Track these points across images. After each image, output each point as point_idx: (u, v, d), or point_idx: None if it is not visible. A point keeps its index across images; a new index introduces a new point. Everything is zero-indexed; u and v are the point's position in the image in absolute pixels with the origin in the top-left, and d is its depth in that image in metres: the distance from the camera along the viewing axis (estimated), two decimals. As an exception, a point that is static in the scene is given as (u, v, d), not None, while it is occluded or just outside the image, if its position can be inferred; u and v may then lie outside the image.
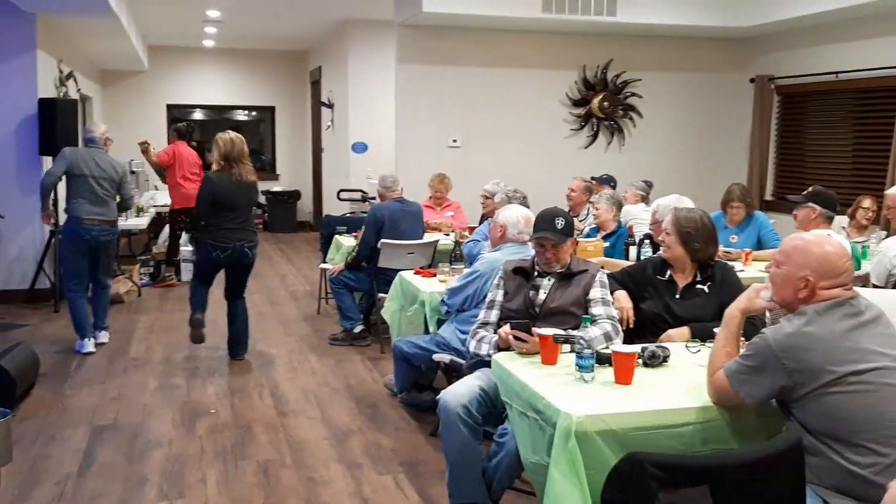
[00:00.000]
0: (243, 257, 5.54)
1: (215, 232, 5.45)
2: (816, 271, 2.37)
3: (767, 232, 5.64)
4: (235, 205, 5.45)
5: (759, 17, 8.03)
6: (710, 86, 9.13)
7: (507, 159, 8.44)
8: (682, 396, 2.55)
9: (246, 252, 5.53)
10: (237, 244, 5.47)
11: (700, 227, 3.45)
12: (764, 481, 1.97)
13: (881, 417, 2.21)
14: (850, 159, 7.90)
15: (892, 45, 7.14)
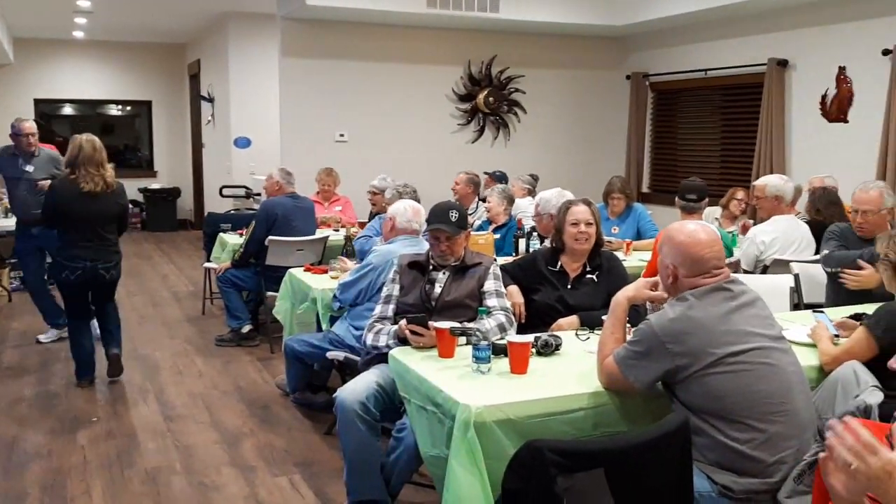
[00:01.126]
0: (97, 278, 4.90)
1: (65, 249, 4.84)
2: (677, 261, 2.51)
3: (646, 223, 5.88)
4: (81, 219, 4.77)
5: (633, 16, 8.35)
6: (590, 82, 9.42)
7: (396, 154, 8.45)
8: (574, 383, 2.62)
9: (100, 274, 4.88)
10: (88, 264, 4.82)
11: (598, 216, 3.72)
12: (654, 461, 2.06)
13: (758, 395, 2.35)
14: (718, 152, 8.35)
15: (756, 43, 7.58)
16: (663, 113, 9.13)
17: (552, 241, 3.77)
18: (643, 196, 9.03)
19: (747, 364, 2.38)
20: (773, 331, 2.52)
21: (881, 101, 6.35)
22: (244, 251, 5.89)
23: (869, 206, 4.17)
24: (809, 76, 7.13)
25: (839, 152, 6.78)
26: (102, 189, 4.78)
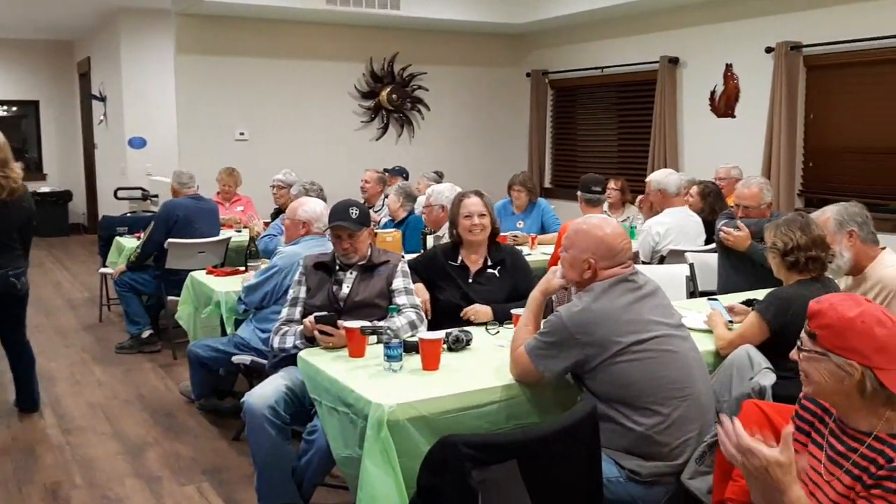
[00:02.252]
0: (9, 288, 4.29)
1: None
2: (596, 253, 2.58)
3: (549, 217, 6.00)
4: None
5: (532, 15, 8.50)
6: (491, 79, 9.53)
7: (299, 152, 8.33)
8: (486, 377, 2.65)
9: (11, 283, 4.28)
10: None
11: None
12: (564, 449, 2.10)
13: (662, 381, 2.44)
14: (616, 147, 8.59)
15: (649, 42, 7.84)
16: (563, 109, 9.33)
17: (450, 234, 3.80)
18: (546, 191, 9.20)
19: (651, 352, 2.47)
20: (674, 319, 2.62)
21: (765, 97, 6.67)
22: (141, 252, 5.69)
23: (750, 202, 4.41)
24: (699, 73, 7.43)
25: (728, 146, 7.09)
26: (9, 193, 4.14)
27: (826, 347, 1.73)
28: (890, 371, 1.68)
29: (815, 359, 1.75)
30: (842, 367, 1.70)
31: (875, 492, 1.64)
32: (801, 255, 3.00)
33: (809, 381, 1.78)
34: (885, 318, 1.73)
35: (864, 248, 3.29)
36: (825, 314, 1.75)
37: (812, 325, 1.77)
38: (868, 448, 1.70)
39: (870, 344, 1.69)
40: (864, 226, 3.30)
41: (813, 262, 3.01)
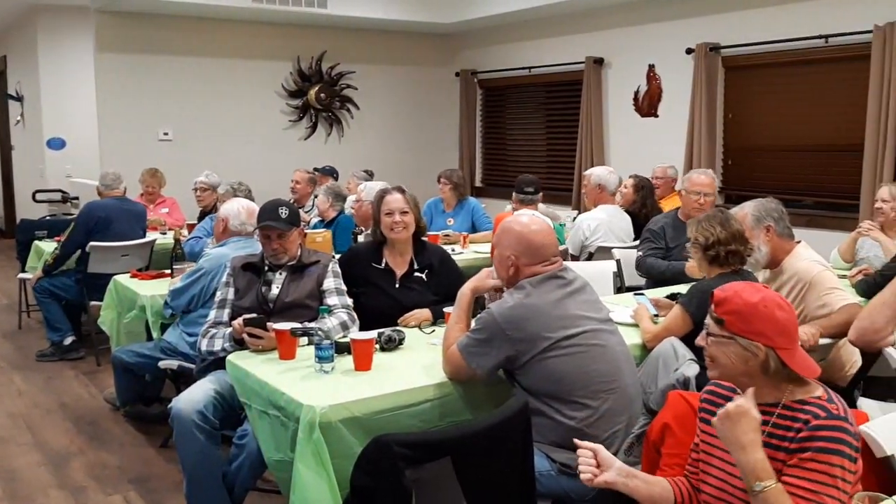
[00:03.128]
0: None
1: None
2: (518, 251, 2.61)
3: (480, 216, 6.04)
4: None
5: (460, 15, 8.54)
6: (421, 79, 9.54)
7: (226, 152, 8.19)
8: (419, 376, 2.66)
9: None
10: None
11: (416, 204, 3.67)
12: (497, 445, 2.12)
13: (591, 374, 2.49)
14: (544, 146, 8.71)
15: (575, 43, 7.96)
16: (492, 109, 9.41)
17: (373, 233, 3.69)
18: (477, 190, 9.27)
19: (580, 346, 2.51)
20: (602, 314, 2.68)
21: (686, 97, 6.85)
22: (59, 255, 5.48)
23: (710, 189, 4.53)
24: (623, 74, 7.58)
25: (652, 145, 7.26)
26: None
27: (733, 331, 1.84)
28: (790, 350, 1.82)
29: (722, 343, 1.86)
30: (748, 348, 1.82)
31: (805, 455, 1.75)
32: (721, 250, 3.10)
33: (716, 365, 1.89)
34: (783, 303, 1.87)
35: (781, 242, 3.42)
36: (731, 301, 1.86)
37: (719, 311, 1.87)
38: (779, 417, 1.81)
39: (772, 326, 1.82)
40: (780, 221, 3.43)
41: (733, 255, 3.11)
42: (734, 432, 1.76)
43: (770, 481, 1.72)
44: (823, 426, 1.75)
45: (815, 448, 1.74)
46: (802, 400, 1.81)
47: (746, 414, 1.76)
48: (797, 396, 1.82)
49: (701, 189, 4.55)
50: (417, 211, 3.61)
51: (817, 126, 6.18)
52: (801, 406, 1.80)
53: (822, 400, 1.81)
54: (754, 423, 1.76)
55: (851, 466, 1.74)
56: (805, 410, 1.79)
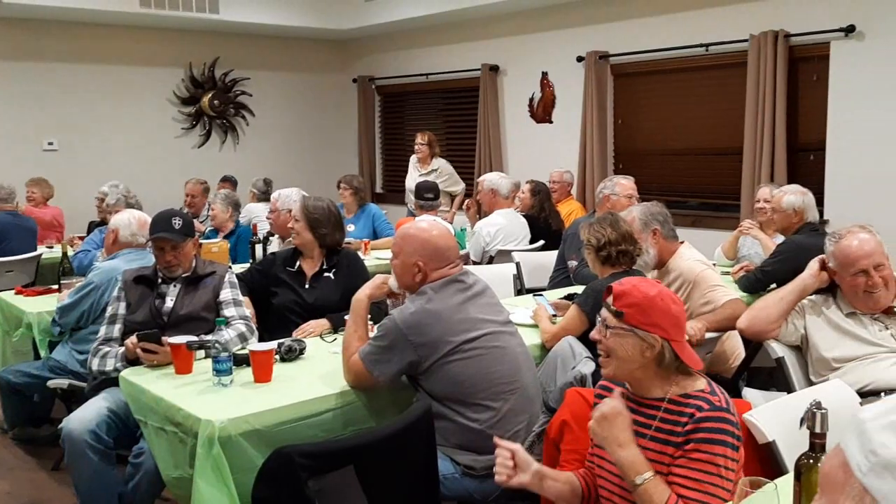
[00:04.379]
0: None
1: None
2: (424, 256, 2.63)
3: (381, 222, 6.04)
4: None
5: (356, 21, 8.53)
6: (318, 85, 9.46)
7: (115, 161, 7.89)
8: (320, 385, 2.64)
9: None
10: None
11: (327, 213, 3.62)
12: (400, 451, 2.14)
13: (492, 376, 2.53)
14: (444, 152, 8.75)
15: (471, 50, 8.08)
16: (391, 115, 9.43)
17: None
18: (377, 196, 9.26)
19: (481, 349, 2.55)
20: (502, 316, 2.73)
21: (578, 103, 7.06)
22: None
23: (632, 192, 4.63)
24: (518, 81, 7.74)
25: (547, 150, 7.44)
26: None
27: (632, 324, 1.90)
28: (681, 343, 1.92)
29: (620, 335, 1.92)
30: (645, 339, 1.89)
31: (689, 447, 1.83)
32: (612, 250, 3.21)
33: (613, 358, 1.94)
34: (676, 298, 1.98)
35: (666, 244, 3.58)
36: (630, 294, 1.93)
37: (618, 304, 1.93)
38: (665, 412, 1.89)
39: (668, 319, 1.90)
40: (666, 224, 3.59)
41: (623, 255, 3.22)
42: (612, 432, 1.82)
43: (649, 473, 1.80)
44: (707, 417, 1.83)
45: (699, 439, 1.82)
46: (687, 394, 1.89)
47: (621, 413, 1.82)
48: (683, 390, 1.91)
49: (623, 190, 4.67)
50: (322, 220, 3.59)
51: (700, 130, 6.48)
52: (686, 400, 1.88)
53: (705, 392, 1.89)
54: (628, 421, 1.84)
55: (734, 455, 1.83)
56: (690, 404, 1.87)
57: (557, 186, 6.35)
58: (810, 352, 2.94)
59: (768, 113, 5.79)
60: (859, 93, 5.47)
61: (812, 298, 3.02)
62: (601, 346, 1.97)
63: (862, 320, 2.86)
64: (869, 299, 2.83)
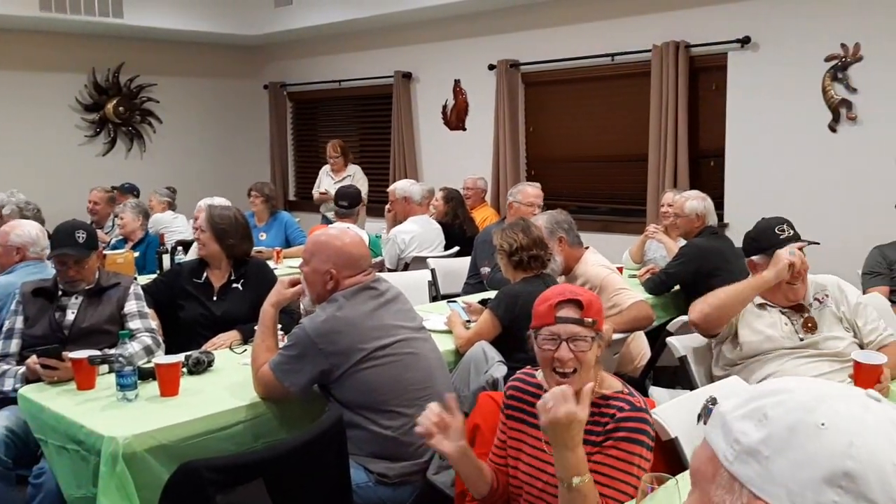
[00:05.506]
0: None
1: None
2: (337, 263, 2.61)
3: (294, 230, 5.96)
4: None
5: (266, 27, 8.42)
6: (228, 92, 9.29)
7: (13, 169, 7.54)
8: (230, 398, 2.58)
9: None
10: None
11: (234, 223, 3.53)
12: (312, 462, 2.12)
13: (405, 383, 2.53)
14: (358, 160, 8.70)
15: (384, 57, 8.08)
16: (303, 122, 9.34)
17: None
18: (290, 204, 9.15)
19: (394, 356, 2.55)
20: (415, 322, 2.74)
21: (491, 111, 7.15)
22: None
23: (535, 201, 4.69)
24: (431, 88, 7.79)
25: (461, 157, 7.50)
26: None
27: (599, 329, 1.95)
28: None
29: (590, 342, 1.92)
30: (602, 341, 1.96)
31: (608, 444, 1.88)
32: (524, 255, 3.26)
33: (583, 370, 1.90)
34: None
35: (571, 250, 3.67)
36: (595, 302, 1.97)
37: (590, 314, 1.94)
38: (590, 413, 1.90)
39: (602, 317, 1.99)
40: (570, 231, 3.69)
41: (534, 260, 3.28)
42: (564, 436, 1.78)
43: (587, 475, 1.80)
44: (628, 418, 1.88)
45: (619, 437, 1.87)
46: (605, 395, 1.93)
47: (577, 419, 1.78)
48: (602, 391, 1.95)
49: (526, 198, 4.75)
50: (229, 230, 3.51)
51: (608, 138, 6.66)
52: (606, 401, 1.92)
53: (624, 394, 1.95)
54: (582, 425, 1.80)
55: (647, 455, 1.89)
56: (611, 405, 1.91)
57: (471, 193, 6.41)
58: (723, 347, 2.88)
59: (671, 121, 5.99)
60: (755, 101, 5.72)
61: None
62: (571, 363, 1.89)
63: (770, 312, 2.82)
64: (790, 290, 2.78)
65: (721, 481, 0.83)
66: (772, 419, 0.82)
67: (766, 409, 0.83)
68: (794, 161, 5.58)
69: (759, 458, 0.81)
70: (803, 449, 0.79)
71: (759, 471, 0.80)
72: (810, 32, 5.43)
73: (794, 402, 0.82)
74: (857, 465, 0.77)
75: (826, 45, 5.36)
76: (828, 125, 5.42)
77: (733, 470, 0.82)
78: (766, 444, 0.81)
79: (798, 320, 2.80)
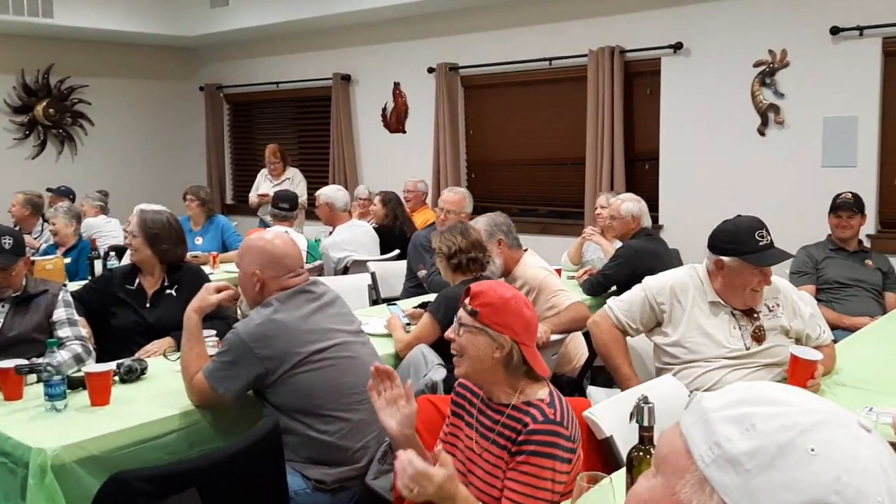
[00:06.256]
0: None
1: None
2: (263, 265, 2.59)
3: (230, 235, 5.87)
4: None
5: (202, 28, 8.29)
6: (163, 93, 9.12)
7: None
8: (163, 406, 2.53)
9: None
10: None
11: (167, 227, 3.45)
12: (247, 469, 2.08)
13: (343, 387, 2.52)
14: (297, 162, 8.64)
15: (322, 59, 8.03)
16: (241, 124, 9.22)
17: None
18: (228, 207, 9.02)
19: (331, 359, 2.53)
20: (353, 326, 2.72)
21: (431, 114, 7.17)
22: None
23: (453, 207, 4.71)
24: (370, 90, 7.77)
25: (402, 160, 7.50)
26: None
27: (485, 323, 1.94)
28: (530, 348, 1.96)
29: (474, 332, 1.95)
30: (496, 339, 1.93)
31: (519, 458, 1.87)
32: (462, 258, 3.28)
33: (465, 358, 1.96)
34: (529, 303, 2.03)
35: (511, 252, 3.71)
36: (487, 294, 1.97)
37: (474, 303, 1.96)
38: (508, 417, 1.93)
39: (519, 321, 1.94)
40: (509, 234, 3.72)
41: (473, 262, 3.31)
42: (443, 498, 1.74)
43: None
44: (538, 430, 1.86)
45: (529, 451, 1.85)
46: (528, 402, 1.94)
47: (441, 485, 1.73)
48: (526, 398, 1.95)
49: (444, 205, 4.77)
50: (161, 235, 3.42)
51: (547, 141, 6.74)
52: (526, 408, 1.92)
53: (543, 403, 1.92)
54: (452, 478, 1.75)
55: (563, 468, 1.86)
56: (527, 413, 1.91)
57: (412, 196, 6.41)
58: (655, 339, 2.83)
59: (607, 124, 6.10)
60: (687, 105, 5.87)
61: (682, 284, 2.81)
62: (454, 345, 1.99)
63: (721, 313, 2.73)
64: (751, 297, 2.69)
65: (691, 479, 0.80)
66: (761, 433, 0.78)
67: (756, 418, 0.79)
68: (725, 164, 5.73)
69: (740, 469, 0.77)
70: (789, 473, 0.75)
71: (737, 482, 0.77)
72: (739, 39, 5.59)
73: (790, 420, 0.78)
74: (840, 500, 0.74)
75: (754, 52, 5.53)
76: (756, 129, 5.59)
77: (708, 473, 0.78)
78: (750, 457, 0.77)
79: (747, 327, 2.71)
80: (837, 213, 4.40)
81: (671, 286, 2.79)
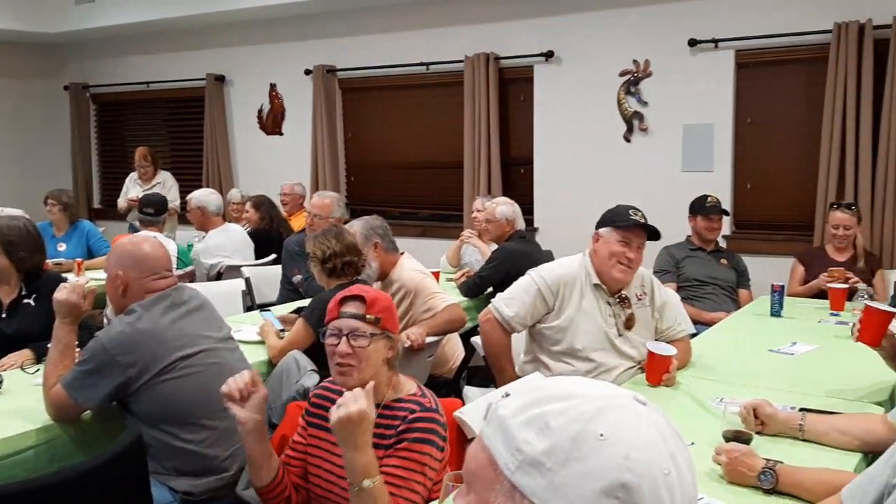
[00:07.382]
0: None
1: None
2: (126, 267, 2.51)
3: (97, 240, 5.62)
4: None
5: (65, 24, 7.90)
6: (23, 93, 8.62)
7: None
8: (20, 421, 2.40)
9: None
10: None
11: (24, 235, 3.28)
12: (109, 484, 2.01)
13: (210, 394, 2.44)
14: (169, 165, 8.37)
15: (195, 58, 7.81)
16: (109, 125, 8.84)
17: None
18: (95, 212, 8.63)
19: (197, 367, 2.47)
20: (222, 332, 2.66)
21: (308, 116, 7.10)
22: None
23: (320, 211, 4.63)
24: (245, 92, 7.62)
25: (278, 162, 7.38)
26: None
27: (385, 328, 1.98)
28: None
29: (377, 339, 1.96)
30: (391, 340, 1.99)
31: (400, 446, 1.92)
32: (337, 262, 3.27)
33: (363, 367, 1.94)
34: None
35: (387, 256, 3.72)
36: (381, 300, 2.00)
37: (374, 311, 1.97)
38: (380, 417, 1.93)
39: (397, 319, 2.03)
40: (385, 237, 3.73)
41: (348, 266, 3.30)
42: (353, 434, 1.79)
43: (377, 478, 1.82)
44: (419, 418, 1.93)
45: (411, 438, 1.91)
46: (400, 398, 1.99)
47: (367, 417, 1.80)
48: (397, 394, 2.00)
49: (312, 209, 4.72)
50: (18, 242, 3.24)
51: (426, 145, 6.81)
52: (399, 404, 1.97)
53: (416, 396, 2.00)
54: (371, 425, 1.82)
55: (438, 454, 1.94)
56: (403, 408, 1.96)
57: (288, 199, 6.31)
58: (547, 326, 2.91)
59: (483, 129, 6.22)
60: (558, 111, 6.07)
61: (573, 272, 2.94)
62: (351, 358, 1.94)
63: (600, 297, 2.88)
64: (620, 271, 2.84)
65: (501, 489, 0.80)
66: (554, 429, 0.79)
67: (548, 417, 0.80)
68: (594, 169, 5.96)
69: (543, 470, 0.78)
70: (585, 461, 0.78)
71: (543, 483, 0.78)
72: (606, 49, 5.83)
73: (576, 411, 0.80)
74: (633, 476, 0.77)
75: (620, 61, 5.78)
76: (623, 135, 5.84)
77: (515, 480, 0.79)
78: (549, 455, 0.78)
79: (621, 314, 2.90)
80: (708, 216, 4.64)
81: (562, 274, 2.93)
